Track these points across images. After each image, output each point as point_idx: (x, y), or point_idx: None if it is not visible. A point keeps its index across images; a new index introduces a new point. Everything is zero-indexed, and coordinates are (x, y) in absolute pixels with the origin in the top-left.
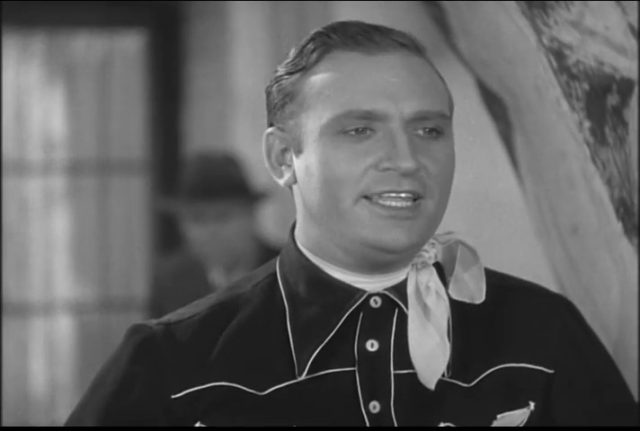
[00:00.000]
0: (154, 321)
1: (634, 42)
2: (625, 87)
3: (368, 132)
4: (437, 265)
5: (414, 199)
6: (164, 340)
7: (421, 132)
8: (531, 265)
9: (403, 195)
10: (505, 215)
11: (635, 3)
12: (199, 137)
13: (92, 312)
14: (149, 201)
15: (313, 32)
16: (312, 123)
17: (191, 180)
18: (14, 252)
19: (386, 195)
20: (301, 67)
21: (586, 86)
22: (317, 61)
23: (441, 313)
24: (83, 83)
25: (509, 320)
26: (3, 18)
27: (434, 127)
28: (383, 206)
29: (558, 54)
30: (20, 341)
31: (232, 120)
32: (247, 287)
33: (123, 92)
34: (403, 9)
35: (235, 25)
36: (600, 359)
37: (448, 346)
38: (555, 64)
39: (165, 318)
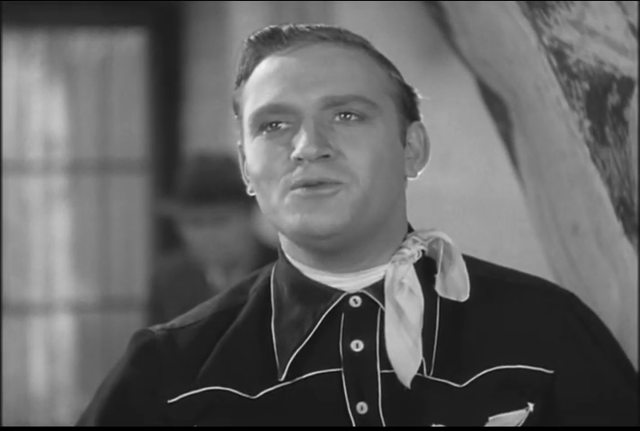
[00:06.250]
0: (158, 327)
1: (634, 42)
2: (625, 86)
3: (284, 126)
4: (428, 262)
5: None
6: (164, 346)
7: (338, 118)
8: (531, 264)
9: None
10: (505, 215)
11: (636, 2)
12: (199, 137)
13: (92, 311)
14: (149, 201)
15: (245, 42)
16: (245, 129)
17: (188, 183)
18: (14, 252)
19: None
20: (240, 79)
21: (586, 86)
22: (251, 70)
23: (412, 311)
24: (83, 82)
25: (507, 318)
26: (3, 18)
27: (350, 111)
28: (306, 191)
29: (558, 53)
30: (20, 341)
31: (232, 120)
32: (249, 292)
33: (123, 92)
34: (403, 9)
35: (235, 25)
36: (603, 359)
37: (419, 343)
38: (555, 63)
39: (169, 323)
